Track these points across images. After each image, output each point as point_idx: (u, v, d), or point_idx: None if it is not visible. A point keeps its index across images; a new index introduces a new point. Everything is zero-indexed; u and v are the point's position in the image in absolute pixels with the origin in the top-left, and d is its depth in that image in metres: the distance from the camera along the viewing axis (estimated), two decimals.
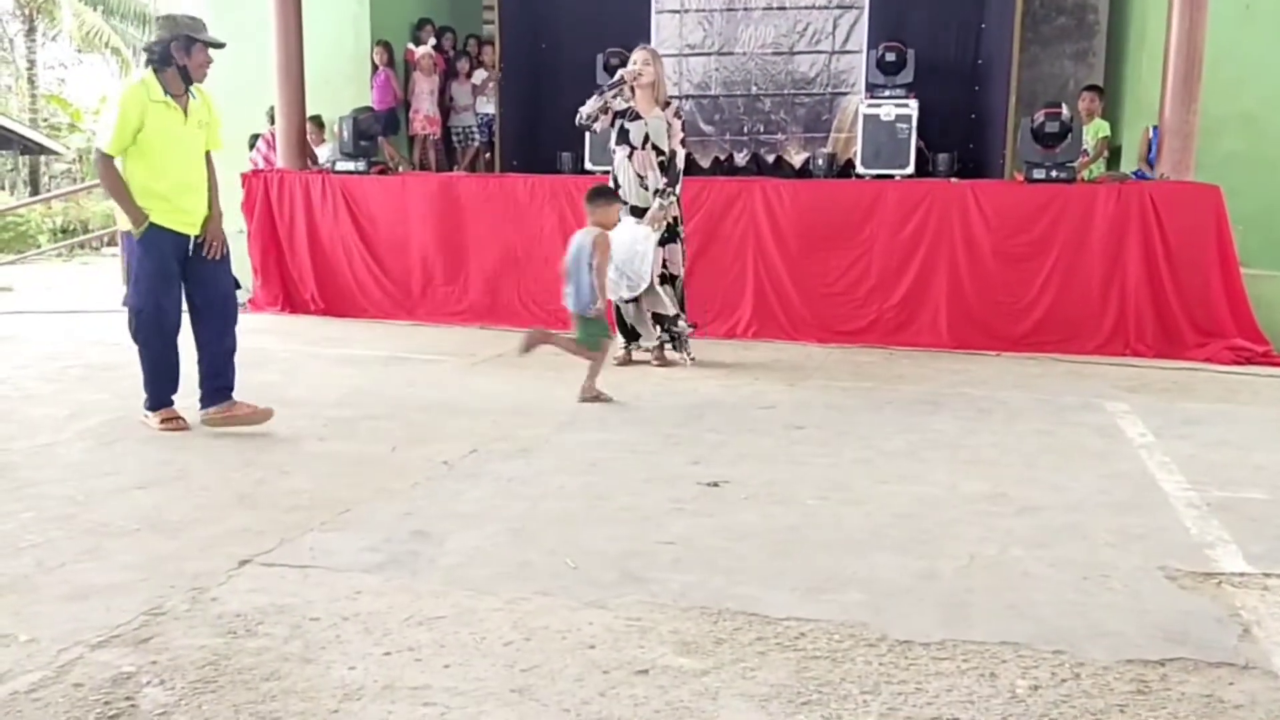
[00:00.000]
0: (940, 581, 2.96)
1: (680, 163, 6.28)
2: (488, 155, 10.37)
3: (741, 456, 4.34)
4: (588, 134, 8.36)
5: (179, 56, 4.53)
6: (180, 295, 4.69)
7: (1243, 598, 2.84)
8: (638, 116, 6.19)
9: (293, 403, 5.24)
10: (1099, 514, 3.60)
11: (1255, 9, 8.41)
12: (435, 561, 3.08)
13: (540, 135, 10.01)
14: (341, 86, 9.54)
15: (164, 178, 4.55)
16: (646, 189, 6.19)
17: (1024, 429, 4.91)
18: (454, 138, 10.37)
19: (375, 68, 9.71)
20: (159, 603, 2.73)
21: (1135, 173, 8.06)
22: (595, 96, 6.20)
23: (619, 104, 6.18)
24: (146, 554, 3.10)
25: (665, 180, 6.16)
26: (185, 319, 4.75)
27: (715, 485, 3.90)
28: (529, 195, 8.05)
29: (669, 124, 6.21)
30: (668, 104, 6.30)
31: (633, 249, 5.89)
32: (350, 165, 8.54)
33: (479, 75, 10.20)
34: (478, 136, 10.24)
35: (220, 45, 4.70)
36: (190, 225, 4.65)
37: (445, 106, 10.23)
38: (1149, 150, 8.25)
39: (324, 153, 9.38)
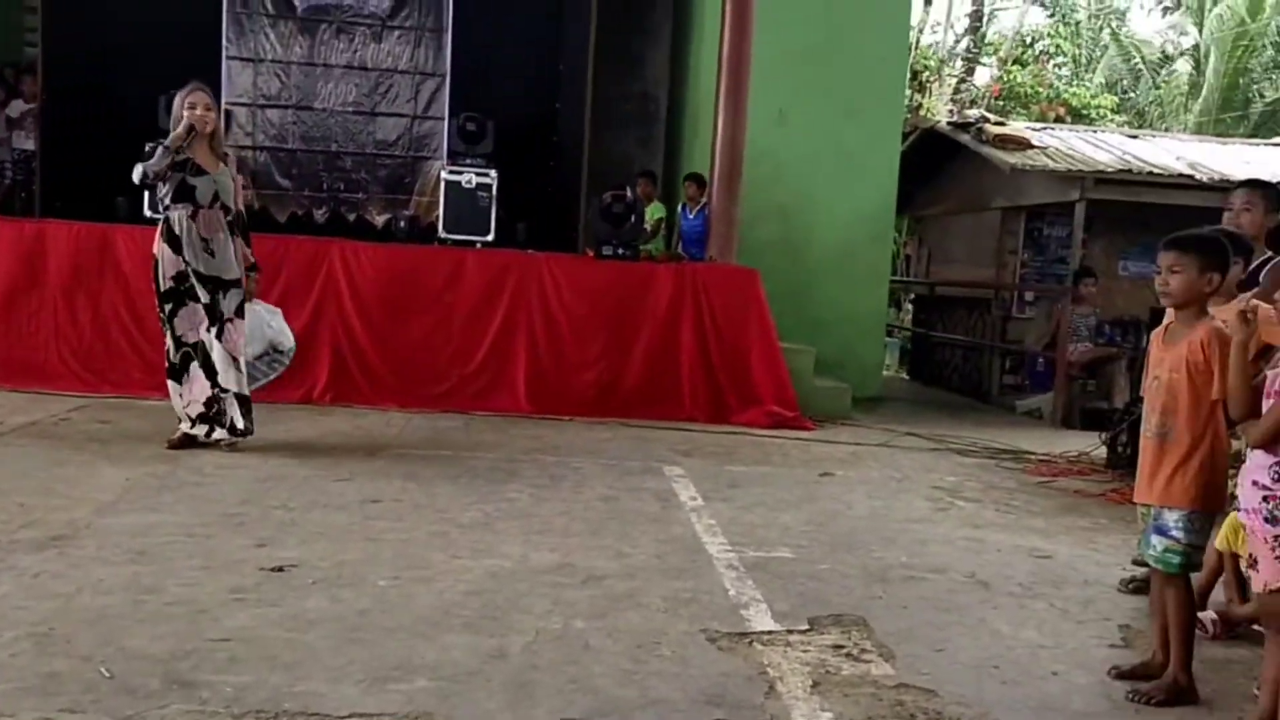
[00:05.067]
0: (508, 661, 3.01)
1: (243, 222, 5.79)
2: (24, 194, 9.20)
3: (312, 535, 4.17)
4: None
5: None
6: None
7: (769, 655, 3.18)
8: (201, 171, 5.51)
9: None
10: (654, 580, 3.87)
11: (787, 115, 9.67)
12: None
13: (93, 178, 9.04)
14: None
15: None
16: (212, 254, 5.54)
17: (591, 496, 5.17)
18: None
19: None
20: None
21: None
22: (161, 150, 5.42)
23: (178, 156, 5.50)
24: None
25: (249, 250, 5.73)
26: None
27: (281, 570, 3.70)
28: (74, 243, 7.27)
29: (234, 180, 5.72)
30: (226, 155, 5.74)
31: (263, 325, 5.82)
32: None
33: (15, 106, 9.07)
34: (10, 173, 9.07)
35: None
36: None
37: None
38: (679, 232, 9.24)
39: None
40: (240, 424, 5.64)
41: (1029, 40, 23.13)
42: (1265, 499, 2.67)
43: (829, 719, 2.77)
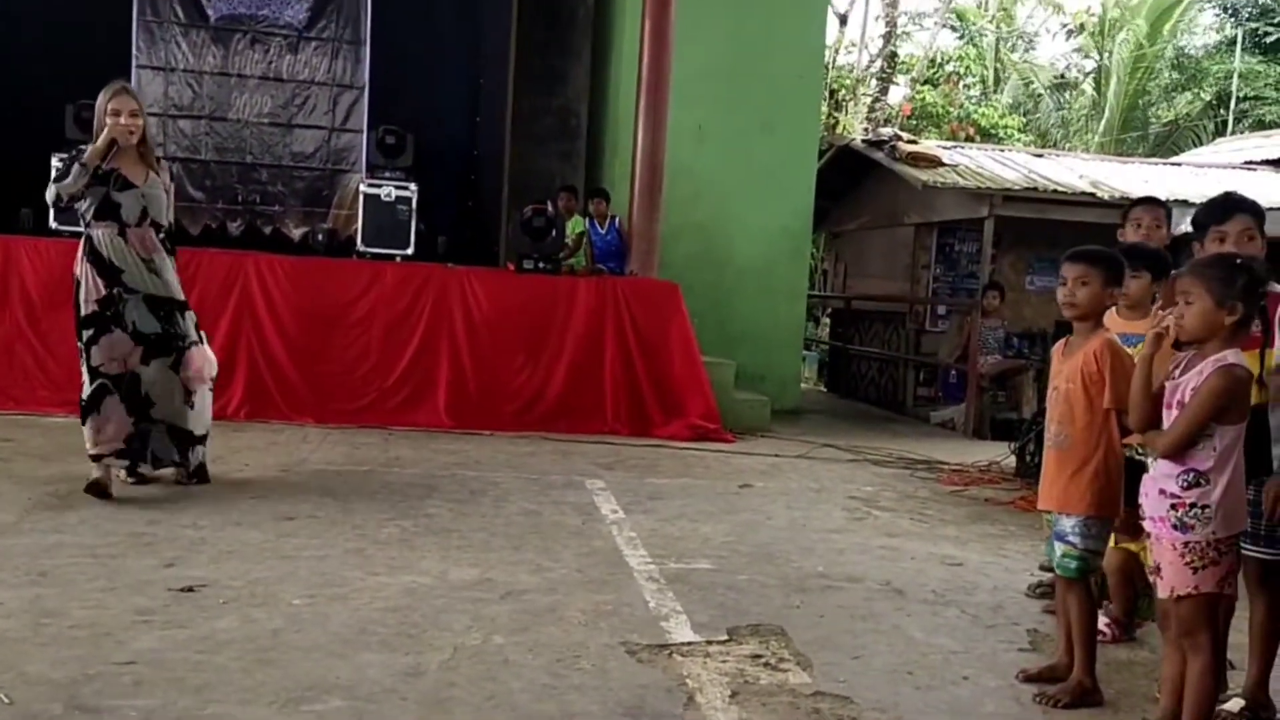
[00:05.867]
0: (424, 678, 2.98)
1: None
2: None
3: (224, 554, 4.07)
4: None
5: None
6: None
7: (689, 666, 3.20)
8: (128, 184, 4.86)
9: None
10: (575, 593, 3.87)
11: (706, 131, 9.78)
12: None
13: None
14: None
15: None
16: (159, 274, 4.96)
17: (512, 510, 5.15)
18: None
19: None
20: None
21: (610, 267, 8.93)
22: (77, 168, 4.77)
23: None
24: None
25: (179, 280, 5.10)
26: None
27: (191, 590, 3.61)
28: None
29: (167, 191, 5.05)
30: (159, 161, 5.08)
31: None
32: None
33: None
34: None
35: None
36: None
37: None
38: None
39: None
40: (174, 458, 5.12)
41: (939, 61, 23.75)
42: (1173, 507, 2.76)
43: None
